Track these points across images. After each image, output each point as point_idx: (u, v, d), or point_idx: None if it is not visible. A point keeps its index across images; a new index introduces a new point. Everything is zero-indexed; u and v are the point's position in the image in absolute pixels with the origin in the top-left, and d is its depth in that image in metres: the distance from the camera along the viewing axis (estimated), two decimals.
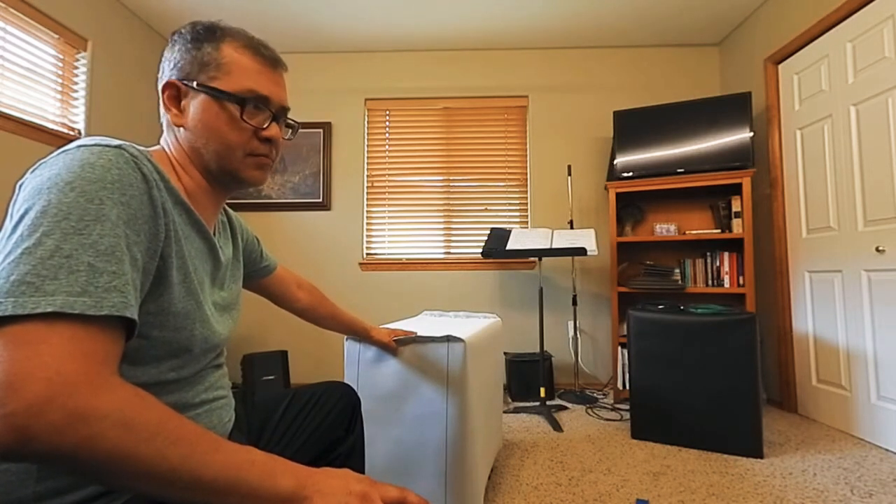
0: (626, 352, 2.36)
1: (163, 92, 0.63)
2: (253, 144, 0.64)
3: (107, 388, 0.40)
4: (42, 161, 0.49)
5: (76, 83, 2.33)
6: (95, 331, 0.42)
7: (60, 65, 2.25)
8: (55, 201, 0.44)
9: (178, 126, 0.63)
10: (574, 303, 2.78)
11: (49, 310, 0.39)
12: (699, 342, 1.85)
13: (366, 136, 3.14)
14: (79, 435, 0.36)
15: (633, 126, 2.68)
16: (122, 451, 0.37)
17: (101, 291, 0.43)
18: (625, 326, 2.64)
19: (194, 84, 0.61)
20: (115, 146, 0.50)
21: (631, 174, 2.65)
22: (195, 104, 0.62)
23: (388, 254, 3.10)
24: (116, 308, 0.43)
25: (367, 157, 3.13)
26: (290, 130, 0.74)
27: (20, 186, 0.48)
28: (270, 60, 0.66)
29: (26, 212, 0.44)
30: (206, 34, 0.63)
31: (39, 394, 0.36)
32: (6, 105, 1.96)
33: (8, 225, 0.45)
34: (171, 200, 0.56)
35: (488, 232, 2.68)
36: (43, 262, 0.41)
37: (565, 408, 2.48)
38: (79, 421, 0.36)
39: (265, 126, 0.65)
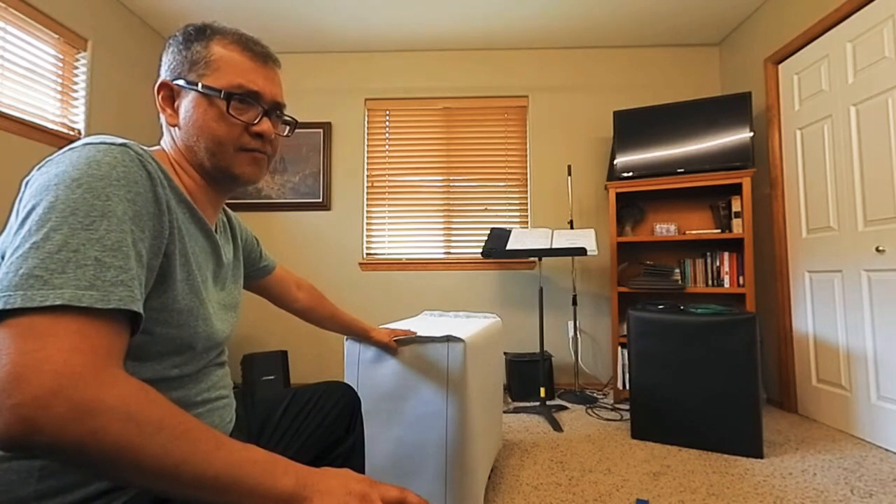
0: (626, 352, 2.36)
1: (157, 93, 0.64)
2: (244, 139, 0.64)
3: (112, 382, 0.40)
4: (49, 158, 0.49)
5: (76, 83, 2.33)
6: (102, 325, 0.42)
7: (60, 65, 2.25)
8: (63, 197, 0.44)
9: (173, 126, 0.64)
10: (574, 303, 2.78)
11: (57, 303, 0.40)
12: (699, 342, 1.85)
13: (366, 136, 3.14)
14: (84, 427, 0.36)
15: (633, 126, 2.68)
16: (127, 444, 0.38)
17: (108, 285, 0.43)
18: (625, 326, 2.63)
19: (184, 83, 0.62)
20: (121, 144, 0.51)
21: (631, 174, 2.65)
22: (186, 102, 0.63)
23: (388, 254, 3.10)
24: (123, 302, 0.44)
25: (367, 157, 3.13)
26: (288, 127, 0.74)
27: (26, 183, 0.49)
28: (261, 56, 0.66)
29: (34, 207, 0.44)
30: (197, 34, 0.63)
31: (46, 386, 0.36)
32: (6, 105, 1.96)
33: (14, 221, 0.45)
34: (175, 198, 0.57)
35: (488, 232, 2.68)
36: (51, 256, 0.41)
37: (565, 408, 2.48)
38: (84, 414, 0.37)
39: (256, 121, 0.64)
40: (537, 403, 2.44)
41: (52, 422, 0.36)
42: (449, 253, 3.08)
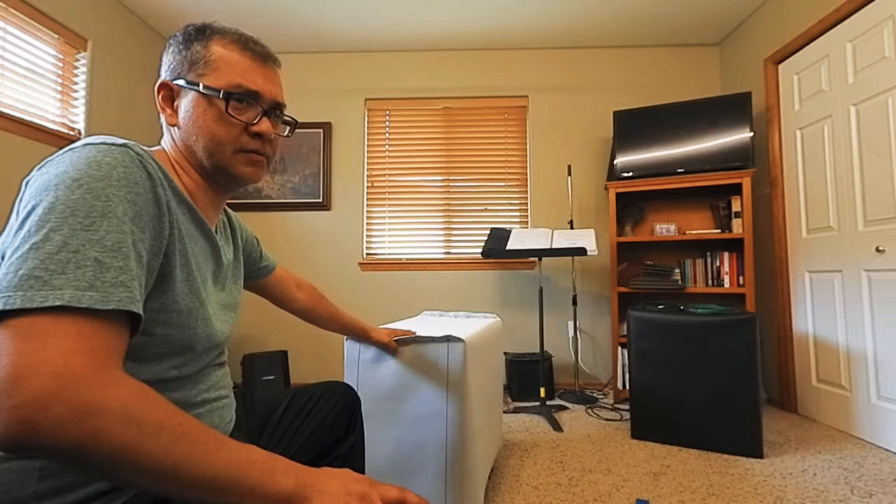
0: (626, 352, 2.36)
1: (157, 93, 0.64)
2: (243, 140, 0.64)
3: (112, 383, 0.40)
4: (49, 159, 0.49)
5: (76, 83, 2.33)
6: (102, 325, 0.42)
7: (60, 65, 2.25)
8: (63, 198, 0.44)
9: (173, 126, 0.64)
10: (574, 303, 2.78)
11: (57, 303, 0.39)
12: (699, 342, 1.85)
13: (366, 136, 3.14)
14: (84, 428, 0.36)
15: (633, 126, 2.68)
16: (126, 445, 0.38)
17: (107, 286, 0.43)
18: (625, 326, 2.64)
19: (183, 82, 0.62)
20: (121, 144, 0.51)
21: (631, 174, 2.65)
22: (186, 102, 0.63)
23: (388, 254, 3.10)
24: (123, 303, 0.44)
25: (367, 157, 3.13)
26: (288, 128, 0.74)
27: (27, 183, 0.48)
28: (260, 55, 0.66)
29: (34, 208, 0.44)
30: (197, 34, 0.63)
31: (46, 387, 0.36)
32: (6, 105, 1.96)
33: (14, 221, 0.45)
34: (175, 199, 0.57)
35: (488, 232, 2.68)
36: (51, 256, 0.41)
37: (565, 408, 2.48)
38: (84, 414, 0.37)
39: (255, 121, 0.64)
40: (537, 403, 2.44)
41: (52, 423, 0.36)
42: (449, 253, 3.08)
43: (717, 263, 2.58)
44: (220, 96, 0.61)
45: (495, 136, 3.11)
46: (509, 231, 2.64)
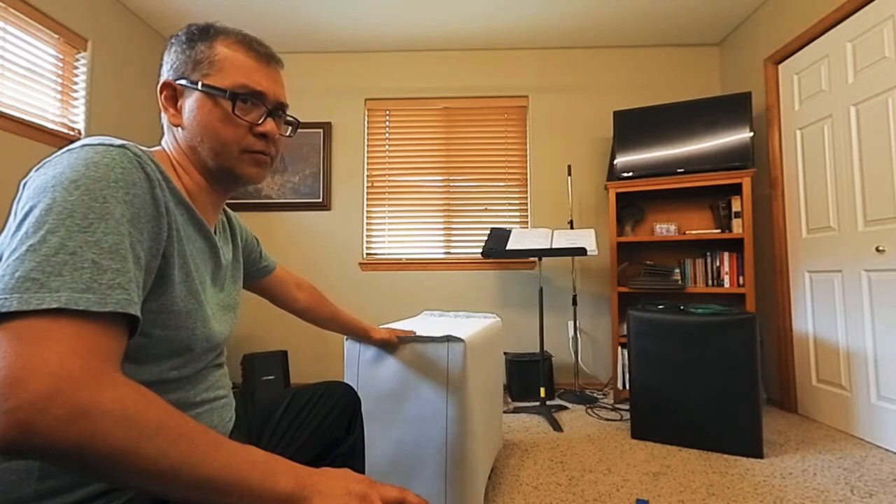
0: (626, 352, 2.36)
1: (160, 93, 0.64)
2: (248, 140, 0.64)
3: (110, 385, 0.40)
4: (47, 160, 0.49)
5: (76, 83, 2.33)
6: (99, 327, 0.42)
7: (60, 65, 2.25)
8: (60, 199, 0.44)
9: (176, 126, 0.64)
10: (574, 303, 2.78)
11: (54, 306, 0.39)
12: (699, 342, 1.85)
13: (366, 136, 3.14)
14: (81, 431, 0.36)
15: (633, 126, 2.68)
16: (124, 447, 0.37)
17: (105, 288, 0.43)
18: (625, 326, 2.64)
19: (188, 82, 0.62)
20: (119, 145, 0.51)
21: (631, 174, 2.65)
22: (190, 102, 0.62)
23: (388, 254, 3.10)
24: (120, 305, 0.44)
25: (367, 157, 3.13)
26: (290, 128, 0.74)
27: (24, 185, 0.48)
28: (264, 56, 0.66)
29: (31, 209, 0.44)
30: (200, 34, 0.64)
31: (43, 389, 0.36)
32: (6, 105, 1.96)
33: (12, 222, 0.45)
34: (173, 200, 0.57)
35: (488, 232, 2.68)
36: (48, 258, 0.41)
37: (565, 408, 2.48)
38: (82, 417, 0.36)
39: (260, 122, 0.64)
40: (537, 403, 2.44)
41: (50, 425, 0.35)
42: (449, 253, 3.08)
43: (717, 263, 2.58)
44: (227, 96, 0.61)
45: (495, 136, 3.11)
46: (509, 231, 2.64)
